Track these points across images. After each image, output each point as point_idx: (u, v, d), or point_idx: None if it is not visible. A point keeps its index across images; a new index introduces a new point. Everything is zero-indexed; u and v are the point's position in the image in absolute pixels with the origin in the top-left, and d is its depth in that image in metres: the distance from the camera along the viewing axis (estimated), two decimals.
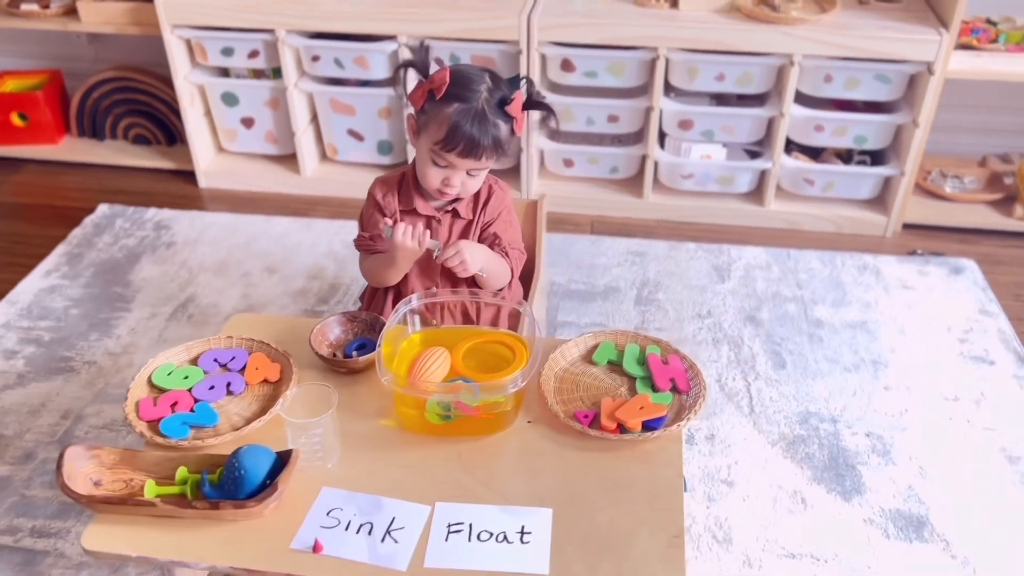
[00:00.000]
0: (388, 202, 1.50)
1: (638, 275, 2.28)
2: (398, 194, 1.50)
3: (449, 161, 1.38)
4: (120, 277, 2.27)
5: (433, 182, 1.42)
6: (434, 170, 1.41)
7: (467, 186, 1.42)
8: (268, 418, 1.25)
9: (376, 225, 1.51)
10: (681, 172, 2.50)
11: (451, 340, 1.36)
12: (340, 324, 1.42)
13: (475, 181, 1.42)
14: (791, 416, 1.81)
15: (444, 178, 1.41)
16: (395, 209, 1.50)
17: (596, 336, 1.42)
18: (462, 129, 1.34)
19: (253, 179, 2.71)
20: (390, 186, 1.51)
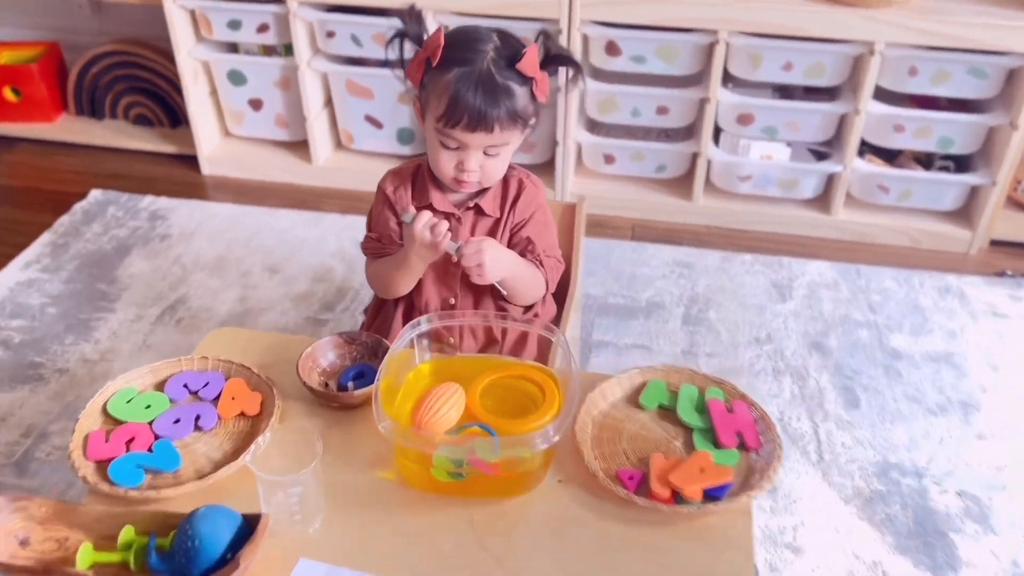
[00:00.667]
0: (400, 197, 1.29)
1: (685, 289, 2.04)
2: (412, 188, 1.29)
3: (458, 139, 1.17)
4: (106, 272, 2.08)
5: (446, 169, 1.21)
6: (445, 154, 1.19)
7: (488, 170, 1.21)
8: (241, 464, 1.03)
9: (386, 224, 1.29)
10: (737, 173, 2.26)
11: (467, 372, 1.14)
12: (335, 347, 1.21)
13: (497, 163, 1.20)
14: (867, 467, 1.57)
15: (458, 162, 1.20)
16: (408, 205, 1.28)
17: (644, 373, 1.19)
18: (464, 96, 1.13)
19: (260, 167, 2.51)
20: (403, 179, 1.30)
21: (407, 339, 1.11)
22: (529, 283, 1.28)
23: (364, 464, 1.07)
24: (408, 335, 1.12)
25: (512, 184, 1.29)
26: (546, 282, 1.29)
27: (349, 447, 1.09)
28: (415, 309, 1.30)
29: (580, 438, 1.08)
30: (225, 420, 1.13)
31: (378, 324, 1.35)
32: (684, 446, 1.09)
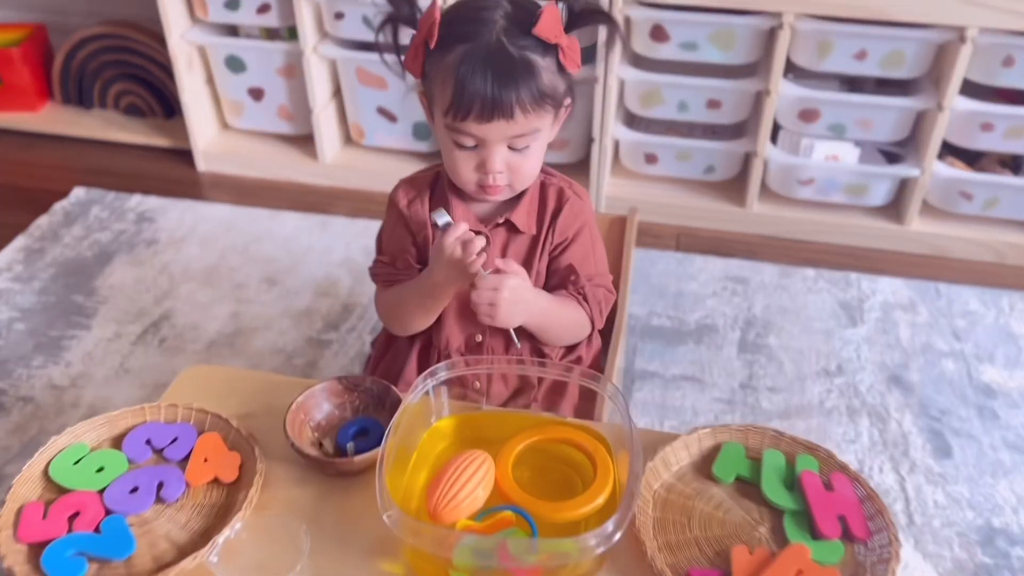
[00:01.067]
0: (416, 212, 1.08)
1: (741, 310, 1.82)
2: (430, 200, 1.08)
3: (473, 135, 0.96)
4: (84, 282, 1.89)
5: (466, 174, 1.00)
6: (461, 155, 0.99)
7: (518, 168, 0.99)
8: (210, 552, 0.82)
9: (400, 245, 1.09)
10: (798, 176, 2.03)
11: (495, 432, 0.94)
12: (333, 395, 1.00)
13: (528, 159, 0.99)
14: (968, 532, 1.34)
15: (478, 163, 0.99)
16: (425, 222, 1.07)
17: (716, 433, 0.98)
18: (472, 79, 0.92)
19: (261, 163, 2.31)
20: (418, 189, 1.09)
21: (421, 391, 0.90)
22: (563, 327, 1.07)
23: (366, 550, 0.87)
24: (423, 386, 0.90)
25: (551, 195, 1.07)
26: (591, 320, 1.07)
27: (348, 526, 0.89)
28: (433, 348, 1.09)
29: (640, 522, 0.87)
30: (194, 488, 0.93)
31: (387, 363, 1.15)
32: (772, 534, 0.88)
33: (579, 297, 1.06)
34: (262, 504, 0.91)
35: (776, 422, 1.54)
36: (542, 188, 1.07)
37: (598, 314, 1.08)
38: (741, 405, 1.57)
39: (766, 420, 1.54)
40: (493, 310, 0.96)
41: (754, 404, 1.57)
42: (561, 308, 1.04)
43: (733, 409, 1.56)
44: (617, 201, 2.12)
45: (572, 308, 1.06)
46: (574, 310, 1.06)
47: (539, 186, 1.07)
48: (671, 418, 1.54)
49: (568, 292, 1.06)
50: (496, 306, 0.95)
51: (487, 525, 0.82)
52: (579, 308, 1.06)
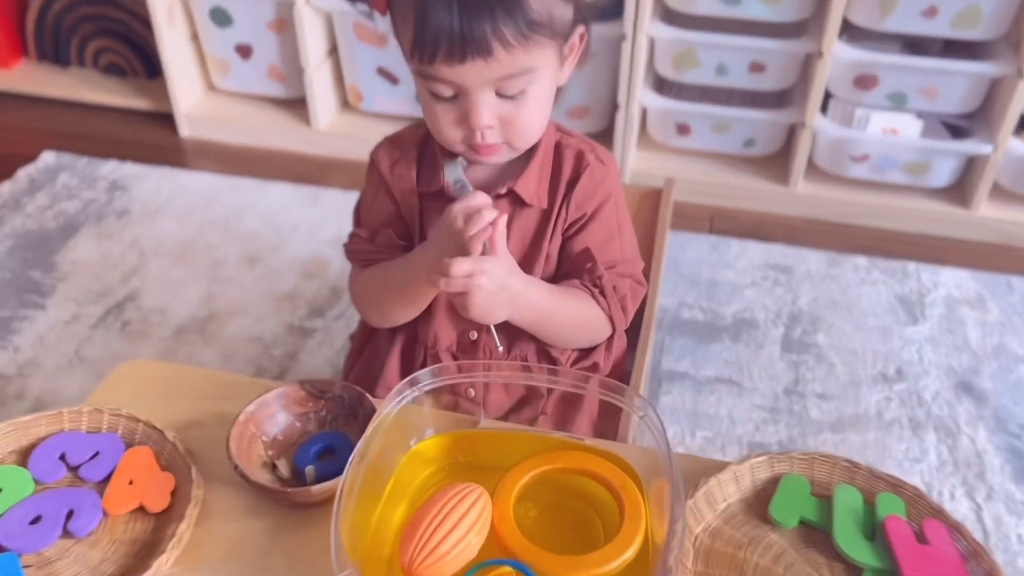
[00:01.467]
0: (400, 176, 0.89)
1: (784, 303, 1.62)
2: (418, 163, 0.89)
3: (447, 80, 0.77)
4: (44, 257, 1.71)
5: (449, 132, 0.82)
6: (440, 109, 0.80)
7: (514, 120, 0.80)
8: None
9: (382, 215, 0.90)
10: (850, 152, 1.82)
11: (495, 456, 0.76)
12: (293, 404, 0.82)
13: (524, 108, 0.80)
14: None
15: (460, 116, 0.80)
16: (411, 189, 0.89)
17: (773, 463, 0.79)
18: (434, 8, 0.73)
19: (249, 129, 2.12)
20: (404, 150, 0.90)
21: (397, 403, 0.72)
22: (568, 327, 0.88)
23: None
24: (400, 397, 0.72)
25: (567, 159, 0.88)
26: (609, 320, 0.89)
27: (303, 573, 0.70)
28: (419, 345, 0.91)
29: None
30: (113, 519, 0.75)
31: (365, 363, 0.96)
32: None
33: (594, 290, 0.87)
34: (195, 542, 0.73)
35: (827, 435, 1.34)
36: (557, 150, 0.88)
37: (619, 311, 0.88)
38: (786, 414, 1.38)
39: (815, 432, 1.35)
40: (465, 300, 0.77)
41: (801, 413, 1.38)
42: (563, 303, 0.85)
43: (776, 418, 1.37)
44: (644, 177, 1.92)
45: (581, 304, 0.86)
46: (584, 306, 0.87)
47: (553, 148, 0.88)
48: (704, 427, 1.35)
49: (580, 283, 0.87)
50: (469, 296, 0.77)
51: None
52: (591, 304, 0.87)
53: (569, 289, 0.86)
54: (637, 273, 0.91)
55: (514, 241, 0.88)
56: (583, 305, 0.86)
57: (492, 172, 0.87)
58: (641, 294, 0.91)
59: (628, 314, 0.90)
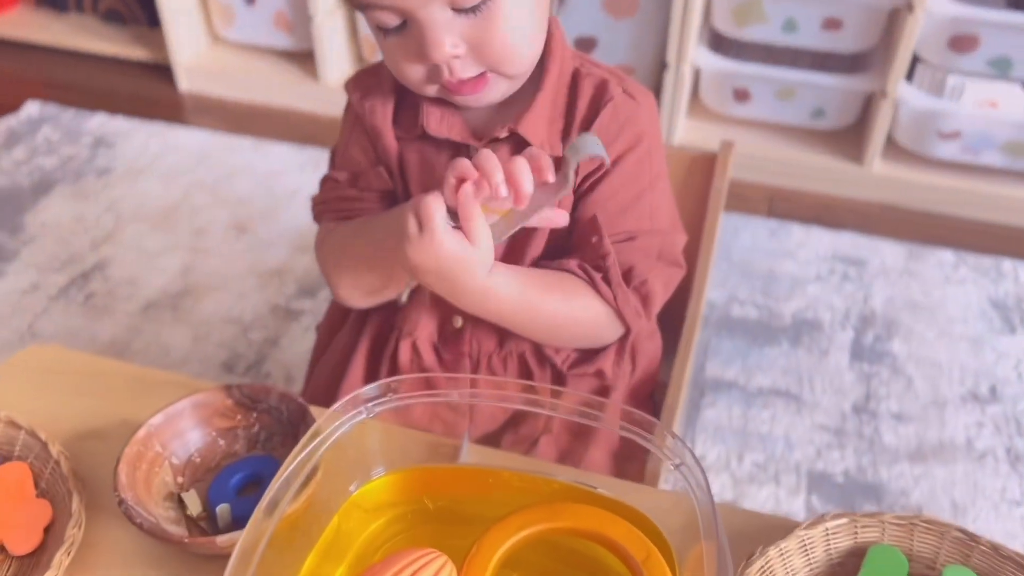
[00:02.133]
0: (373, 110, 0.70)
1: (854, 301, 1.40)
2: (396, 107, 0.70)
3: (383, 3, 0.59)
4: (12, 216, 1.56)
5: (411, 73, 0.63)
6: (391, 44, 0.62)
7: (485, 41, 0.60)
8: None
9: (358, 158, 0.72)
10: (939, 127, 1.59)
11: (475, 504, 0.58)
12: (216, 416, 0.64)
13: (492, 20, 0.60)
14: None
15: (415, 50, 0.61)
16: (385, 126, 0.69)
17: (855, 525, 0.59)
18: None
19: (253, 84, 1.95)
20: (380, 82, 0.71)
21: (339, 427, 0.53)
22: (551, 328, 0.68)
23: None
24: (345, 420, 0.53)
25: (584, 90, 0.68)
26: (618, 315, 0.68)
27: None
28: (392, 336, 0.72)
29: None
30: None
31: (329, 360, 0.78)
32: None
33: (595, 275, 0.66)
34: None
35: (904, 466, 1.13)
36: (573, 81, 0.69)
37: (630, 304, 0.67)
38: (854, 437, 1.17)
39: (890, 462, 1.14)
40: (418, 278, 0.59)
41: (872, 437, 1.17)
42: (544, 298, 0.65)
43: (843, 442, 1.17)
44: (692, 149, 1.71)
45: (571, 297, 0.66)
46: (575, 300, 0.66)
47: (569, 77, 0.69)
48: (754, 450, 1.15)
49: (577, 266, 0.67)
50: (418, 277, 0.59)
51: None
52: (589, 296, 0.67)
53: (559, 277, 0.67)
54: (672, 249, 0.70)
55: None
56: (574, 299, 0.66)
57: (488, 112, 0.68)
58: (676, 279, 0.71)
59: (651, 307, 0.69)
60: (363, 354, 0.73)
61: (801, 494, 1.10)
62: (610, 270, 0.66)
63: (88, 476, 0.63)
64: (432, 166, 0.68)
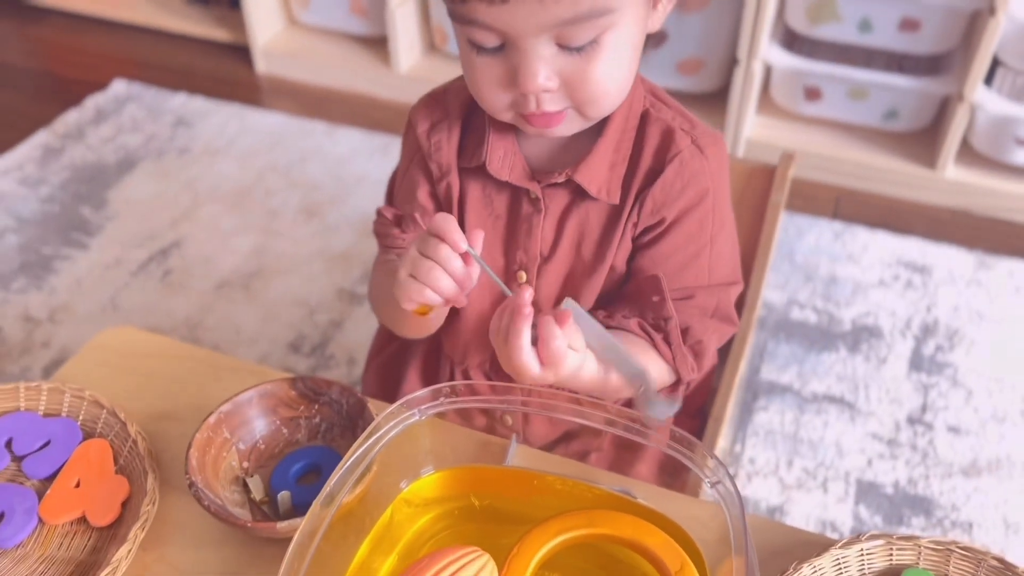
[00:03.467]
0: (439, 146, 0.71)
1: (917, 309, 1.39)
2: (463, 130, 0.71)
3: (489, 25, 0.58)
4: (97, 192, 1.64)
5: (492, 96, 0.63)
6: (482, 64, 0.61)
7: (582, 80, 0.60)
8: None
9: (412, 193, 0.73)
10: (1016, 133, 1.55)
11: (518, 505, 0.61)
12: (281, 406, 0.68)
13: (597, 63, 0.60)
14: None
15: (505, 73, 0.61)
16: (450, 164, 0.71)
17: (891, 547, 0.61)
18: None
19: (326, 68, 2.00)
20: (447, 112, 0.72)
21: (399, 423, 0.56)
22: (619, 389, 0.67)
23: None
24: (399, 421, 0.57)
25: (651, 137, 0.68)
26: (674, 371, 0.70)
27: None
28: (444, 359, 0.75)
29: None
30: (49, 529, 0.63)
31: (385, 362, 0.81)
32: None
33: (656, 336, 0.68)
34: (140, 569, 0.61)
35: (958, 480, 1.13)
36: (642, 123, 0.69)
37: (686, 362, 0.69)
38: (908, 448, 1.17)
39: (943, 476, 1.13)
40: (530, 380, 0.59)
41: (926, 449, 1.17)
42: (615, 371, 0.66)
43: (895, 453, 1.16)
44: (761, 148, 1.70)
45: (641, 357, 0.67)
46: (644, 360, 0.67)
47: (637, 118, 0.69)
48: (804, 456, 1.15)
49: (640, 326, 0.68)
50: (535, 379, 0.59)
51: None
52: (652, 355, 0.68)
53: (624, 338, 0.68)
54: (726, 306, 0.71)
55: (570, 242, 0.70)
56: (641, 357, 0.67)
57: (551, 148, 0.69)
58: (728, 335, 0.72)
59: (703, 362, 0.71)
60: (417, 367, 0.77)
61: (848, 503, 1.10)
62: (671, 333, 0.68)
63: (161, 455, 0.67)
64: (491, 201, 0.70)
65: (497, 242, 0.70)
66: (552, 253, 0.69)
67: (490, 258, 0.71)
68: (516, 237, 0.70)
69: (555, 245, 0.69)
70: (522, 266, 0.70)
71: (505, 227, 0.70)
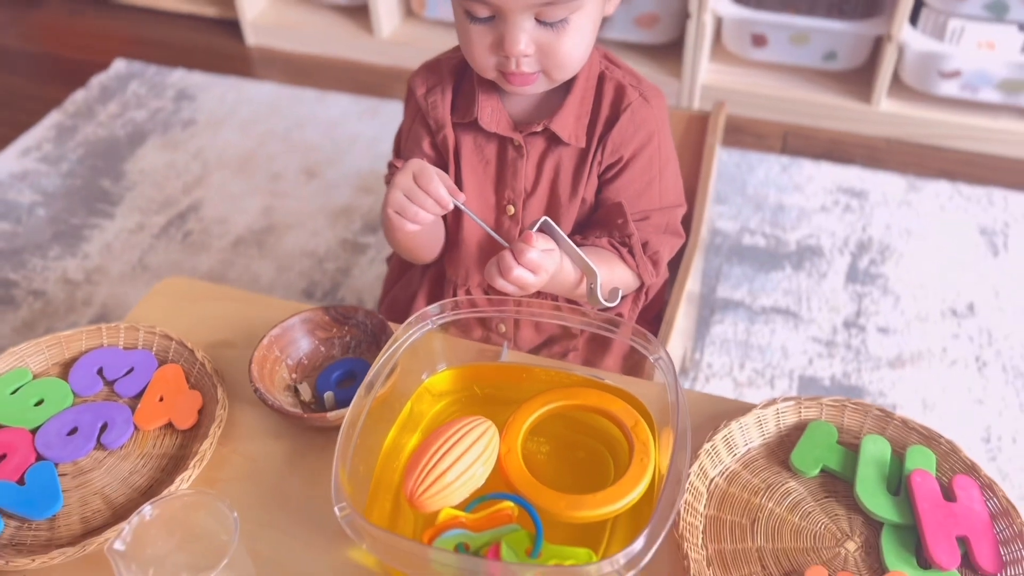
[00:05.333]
0: (435, 105, 0.86)
1: (854, 229, 1.55)
2: (455, 91, 0.86)
3: (485, 1, 0.73)
4: (114, 165, 1.77)
5: (482, 57, 0.78)
6: (476, 31, 0.76)
7: (554, 50, 0.76)
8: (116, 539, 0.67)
9: (416, 145, 0.88)
10: (940, 68, 1.70)
11: (513, 390, 0.77)
12: (318, 329, 0.83)
13: (564, 37, 0.75)
14: None
15: (495, 40, 0.76)
16: (445, 119, 0.86)
17: (800, 407, 0.77)
18: None
19: (313, 37, 2.11)
20: (441, 76, 0.87)
21: (411, 335, 0.72)
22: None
23: (336, 531, 0.70)
24: (415, 329, 0.72)
25: (607, 93, 0.84)
26: (638, 276, 0.86)
27: (320, 499, 0.73)
28: (447, 282, 0.90)
29: (685, 524, 0.67)
30: (143, 433, 0.78)
31: (399, 291, 0.96)
32: (864, 554, 0.67)
33: (622, 249, 0.84)
34: (218, 460, 0.76)
35: (884, 371, 1.30)
36: (599, 83, 0.84)
37: (647, 268, 0.85)
38: (843, 348, 1.34)
39: (872, 368, 1.30)
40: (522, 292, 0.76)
41: (859, 348, 1.34)
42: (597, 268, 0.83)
43: (832, 352, 1.33)
44: (715, 92, 1.84)
45: (610, 267, 0.83)
46: (613, 268, 0.84)
47: (595, 79, 0.84)
48: (755, 359, 1.32)
49: (608, 242, 0.84)
50: (528, 289, 0.75)
51: (479, 518, 0.64)
52: (620, 264, 0.84)
53: (598, 252, 0.83)
54: (675, 223, 0.87)
55: (548, 180, 0.85)
56: (612, 267, 0.84)
57: (528, 105, 0.84)
58: (677, 245, 0.88)
59: (660, 268, 0.87)
60: (425, 290, 0.92)
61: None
62: (634, 247, 0.83)
63: (223, 374, 0.83)
64: (482, 149, 0.85)
65: (488, 183, 0.85)
66: (534, 190, 0.84)
67: (483, 196, 0.86)
68: (504, 178, 0.85)
69: (536, 183, 0.84)
70: (510, 201, 0.85)
71: (495, 170, 0.84)
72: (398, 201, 0.77)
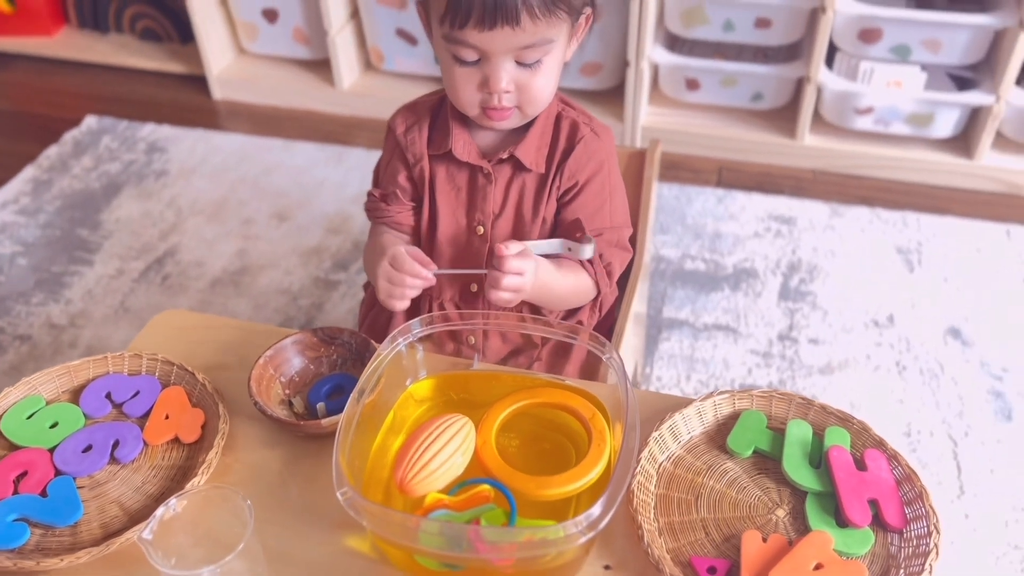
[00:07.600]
0: (413, 141, 0.97)
1: (784, 253, 1.68)
2: (430, 128, 0.97)
3: (474, 46, 0.85)
4: (90, 215, 1.83)
5: (467, 95, 0.90)
6: (462, 73, 0.88)
7: (528, 88, 0.89)
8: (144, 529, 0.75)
9: (394, 178, 0.98)
10: (855, 105, 1.86)
11: (485, 394, 0.85)
12: (307, 349, 0.92)
13: (539, 77, 0.88)
14: None
15: (481, 80, 0.88)
16: (422, 152, 0.97)
17: (734, 399, 0.87)
18: None
19: (276, 90, 2.21)
20: (418, 115, 0.99)
21: (392, 349, 0.81)
22: (561, 297, 0.98)
23: (333, 523, 0.79)
24: (394, 344, 0.81)
25: (564, 128, 0.96)
26: (595, 285, 0.98)
27: (315, 495, 0.81)
28: (423, 298, 1.00)
29: (639, 500, 0.77)
30: (152, 448, 0.86)
31: (377, 312, 1.05)
32: (791, 518, 0.78)
33: (583, 262, 0.95)
34: (223, 468, 0.84)
35: (816, 378, 1.42)
36: (556, 121, 0.96)
37: (604, 277, 0.97)
38: (778, 358, 1.45)
39: (805, 375, 1.42)
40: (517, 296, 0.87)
41: (792, 358, 1.46)
42: (562, 277, 0.94)
43: (769, 362, 1.45)
44: (654, 132, 1.98)
45: (575, 276, 0.95)
46: (577, 277, 0.96)
47: (554, 117, 0.96)
48: (699, 372, 1.43)
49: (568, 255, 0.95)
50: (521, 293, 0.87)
51: (460, 500, 0.73)
52: (582, 273, 0.96)
53: (561, 262, 0.95)
54: (624, 240, 0.99)
55: (513, 202, 0.96)
56: (576, 276, 0.95)
57: (497, 138, 0.95)
58: (627, 259, 1.00)
59: (613, 278, 0.99)
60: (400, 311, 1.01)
61: None
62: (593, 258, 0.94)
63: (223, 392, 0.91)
64: (454, 178, 0.95)
65: (460, 207, 0.96)
66: (501, 211, 0.95)
67: (455, 218, 0.96)
68: (475, 201, 0.95)
69: (503, 205, 0.95)
70: (480, 222, 0.96)
71: (467, 195, 0.95)
72: (386, 290, 0.89)
